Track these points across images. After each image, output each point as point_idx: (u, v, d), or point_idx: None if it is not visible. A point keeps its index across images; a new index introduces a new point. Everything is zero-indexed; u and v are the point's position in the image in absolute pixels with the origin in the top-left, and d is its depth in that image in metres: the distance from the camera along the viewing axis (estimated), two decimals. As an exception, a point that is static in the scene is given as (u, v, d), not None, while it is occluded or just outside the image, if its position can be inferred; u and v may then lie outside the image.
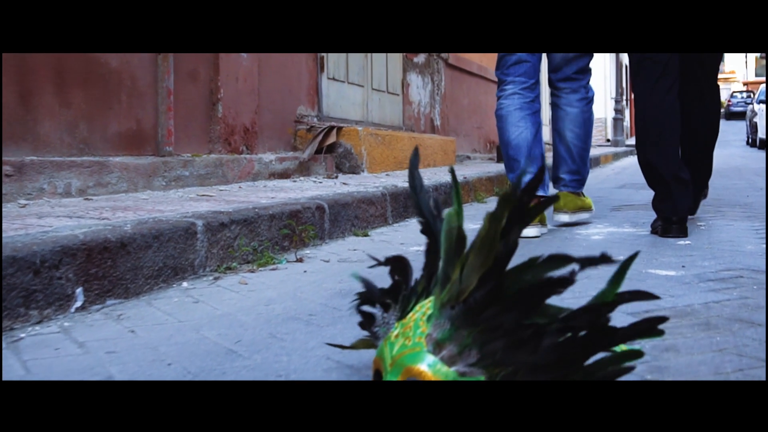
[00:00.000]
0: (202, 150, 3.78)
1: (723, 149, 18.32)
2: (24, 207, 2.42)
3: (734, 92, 44.59)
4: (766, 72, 14.32)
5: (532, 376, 0.86)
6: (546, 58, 3.26)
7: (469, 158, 7.84)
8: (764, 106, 18.50)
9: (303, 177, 4.30)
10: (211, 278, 2.10)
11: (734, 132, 28.90)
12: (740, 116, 37.43)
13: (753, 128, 21.21)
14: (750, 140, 22.08)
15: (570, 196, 3.21)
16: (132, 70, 3.32)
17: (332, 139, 4.62)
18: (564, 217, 3.19)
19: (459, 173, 5.02)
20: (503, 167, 4.52)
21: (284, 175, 4.17)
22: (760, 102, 19.80)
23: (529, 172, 2.94)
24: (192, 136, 3.71)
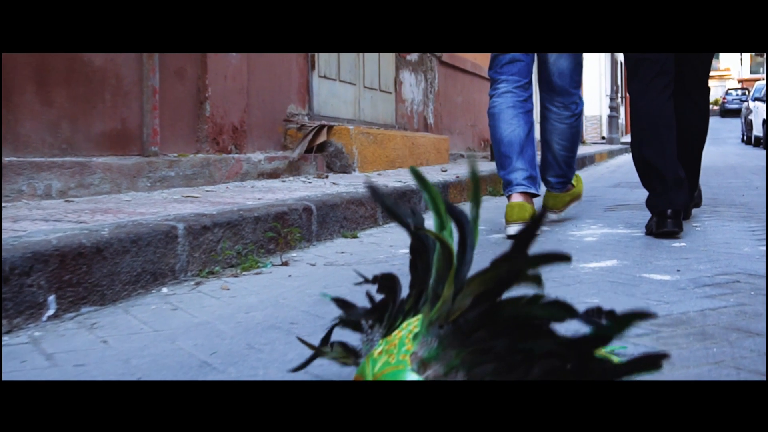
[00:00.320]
0: (190, 150, 3.71)
1: (718, 147, 18.30)
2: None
3: (729, 89, 44.63)
4: (766, 71, 14.29)
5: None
6: (537, 72, 3.25)
7: (463, 156, 7.79)
8: (760, 104, 18.48)
9: (293, 177, 4.24)
10: (193, 283, 2.04)
11: (729, 129, 28.91)
12: (735, 113, 37.47)
13: (748, 126, 21.21)
14: (745, 138, 22.08)
15: (558, 196, 3.32)
16: (117, 69, 3.25)
17: (322, 138, 4.56)
18: (553, 216, 3.34)
19: (451, 172, 4.96)
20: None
21: (273, 175, 4.11)
22: (756, 99, 19.78)
23: (520, 169, 2.92)
24: (179, 136, 3.64)
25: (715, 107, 44.81)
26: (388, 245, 2.72)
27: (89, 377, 1.26)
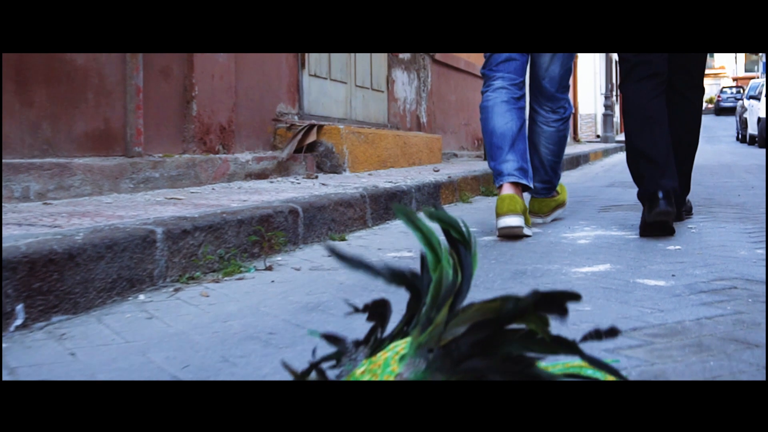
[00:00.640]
0: (176, 150, 3.64)
1: (713, 145, 18.27)
2: (-24, 213, 2.28)
3: (724, 88, 44.68)
4: (766, 70, 14.28)
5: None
6: (529, 75, 3.24)
7: (456, 156, 7.72)
8: (755, 102, 18.46)
9: (281, 177, 4.17)
10: (171, 290, 1.97)
11: (724, 128, 28.91)
12: (730, 112, 37.47)
13: (743, 124, 21.19)
14: (740, 136, 22.06)
15: (544, 201, 3.32)
16: (100, 67, 3.18)
17: (312, 138, 4.48)
18: (538, 221, 3.29)
19: (444, 172, 4.89)
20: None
21: (262, 176, 4.03)
22: (750, 98, 19.77)
23: (511, 160, 2.90)
24: (164, 136, 3.57)
25: (710, 105, 44.85)
26: (377, 248, 2.65)
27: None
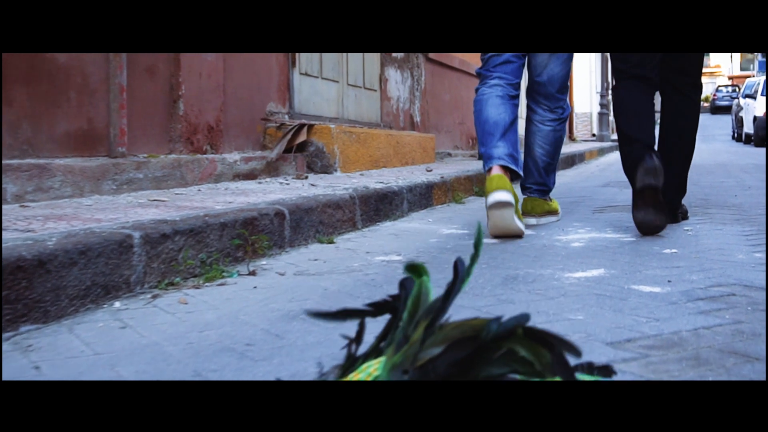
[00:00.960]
0: (163, 150, 3.56)
1: (708, 144, 18.24)
2: (-50, 216, 2.20)
3: (719, 86, 44.68)
4: (766, 69, 14.25)
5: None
6: (527, 72, 3.25)
7: (450, 155, 7.65)
8: (750, 101, 18.43)
9: (271, 178, 4.09)
10: (149, 296, 1.89)
11: (720, 126, 28.90)
12: (725, 110, 37.46)
13: (739, 123, 21.18)
14: (736, 135, 22.04)
15: (538, 201, 3.26)
16: (83, 66, 3.10)
17: (302, 138, 4.41)
18: (532, 221, 3.21)
19: (437, 172, 4.82)
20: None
21: (250, 176, 3.96)
22: (746, 96, 19.75)
23: (502, 146, 2.89)
24: (150, 136, 3.49)
25: (706, 104, 44.81)
26: (365, 251, 2.58)
27: (8, 413, 1.11)
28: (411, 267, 0.89)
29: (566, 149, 10.01)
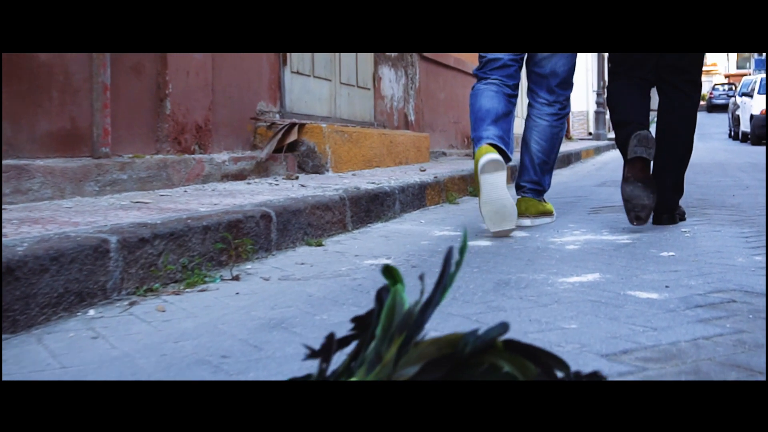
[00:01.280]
0: (149, 150, 3.48)
1: (705, 142, 18.18)
2: None
3: (716, 85, 44.66)
4: (767, 67, 14.19)
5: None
6: (525, 68, 3.23)
7: (445, 154, 7.57)
8: (747, 99, 18.39)
9: (260, 178, 4.01)
10: (126, 303, 1.82)
11: (716, 125, 28.85)
12: (722, 109, 37.40)
13: (735, 121, 21.14)
14: (732, 133, 22.00)
15: (532, 201, 3.18)
16: (65, 64, 3.02)
17: (293, 137, 4.33)
18: (526, 222, 3.14)
19: (430, 172, 4.74)
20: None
21: (239, 177, 3.88)
22: (743, 95, 19.70)
23: (492, 130, 2.89)
24: (136, 135, 3.41)
25: (702, 102, 44.79)
26: (354, 255, 2.50)
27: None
28: (386, 270, 0.82)
29: (562, 148, 9.94)
